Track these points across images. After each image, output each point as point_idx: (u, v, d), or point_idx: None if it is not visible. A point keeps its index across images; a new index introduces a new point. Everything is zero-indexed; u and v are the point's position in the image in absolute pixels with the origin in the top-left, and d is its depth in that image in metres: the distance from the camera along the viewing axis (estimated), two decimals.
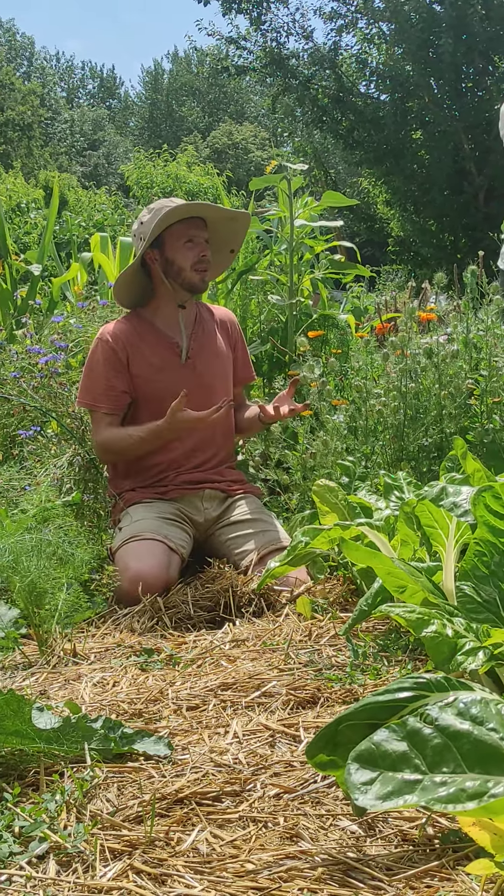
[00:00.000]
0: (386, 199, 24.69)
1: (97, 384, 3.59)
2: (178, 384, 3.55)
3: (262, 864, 1.46)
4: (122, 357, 3.58)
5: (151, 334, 3.64)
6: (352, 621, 2.52)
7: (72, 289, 6.76)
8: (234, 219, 3.71)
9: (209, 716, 2.13)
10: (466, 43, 20.56)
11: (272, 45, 23.32)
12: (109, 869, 1.47)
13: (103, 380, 3.58)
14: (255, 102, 58.93)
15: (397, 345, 3.95)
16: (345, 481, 3.53)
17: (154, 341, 3.63)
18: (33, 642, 2.78)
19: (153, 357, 3.60)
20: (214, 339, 3.75)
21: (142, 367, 3.58)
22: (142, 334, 3.63)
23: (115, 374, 3.57)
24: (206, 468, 3.66)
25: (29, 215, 19.26)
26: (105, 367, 3.58)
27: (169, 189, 22.84)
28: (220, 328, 3.81)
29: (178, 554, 3.36)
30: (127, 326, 3.65)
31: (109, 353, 3.58)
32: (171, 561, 3.29)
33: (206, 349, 3.70)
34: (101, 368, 3.59)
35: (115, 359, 3.57)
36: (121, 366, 3.58)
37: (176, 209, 3.51)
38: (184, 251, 3.56)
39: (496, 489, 2.16)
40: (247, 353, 3.93)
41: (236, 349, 3.86)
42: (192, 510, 3.58)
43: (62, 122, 57.88)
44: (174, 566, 3.30)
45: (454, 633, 1.96)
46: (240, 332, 3.91)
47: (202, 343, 3.70)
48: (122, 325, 3.66)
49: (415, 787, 1.22)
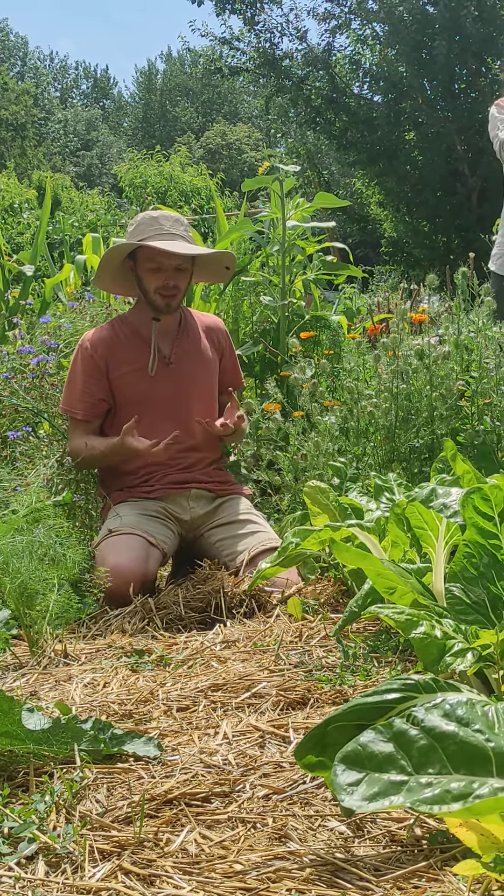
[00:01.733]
0: (379, 199, 24.69)
1: (74, 391, 3.64)
2: (158, 389, 3.59)
3: (251, 865, 1.46)
4: (101, 364, 3.61)
5: (133, 340, 3.67)
6: (342, 622, 2.53)
7: (64, 289, 6.75)
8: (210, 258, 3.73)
9: (199, 717, 2.13)
10: (460, 44, 20.56)
11: (265, 46, 23.31)
12: (98, 870, 1.47)
13: (80, 386, 3.62)
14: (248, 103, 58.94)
15: (389, 346, 3.96)
16: (336, 482, 3.54)
17: (135, 348, 3.65)
18: (24, 643, 2.78)
19: (134, 362, 3.62)
20: (198, 346, 3.75)
21: (121, 373, 3.61)
22: (123, 340, 3.66)
23: (93, 381, 3.61)
24: (193, 469, 3.67)
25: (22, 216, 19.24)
26: (83, 375, 3.62)
27: (163, 189, 22.82)
28: (206, 335, 3.81)
29: (158, 548, 3.38)
30: (108, 333, 3.67)
31: (88, 360, 3.62)
32: (149, 554, 3.31)
33: (190, 355, 3.71)
34: (79, 376, 3.64)
35: (93, 365, 3.61)
36: (99, 373, 3.61)
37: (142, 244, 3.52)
38: (150, 274, 3.58)
39: (485, 491, 2.17)
40: (235, 360, 3.93)
41: (224, 356, 3.85)
42: (177, 509, 3.59)
43: (56, 122, 57.83)
44: (153, 560, 3.32)
45: (443, 635, 1.97)
46: (228, 339, 3.91)
47: (185, 349, 3.71)
48: (103, 331, 3.69)
49: (401, 788, 1.23)
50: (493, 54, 21.00)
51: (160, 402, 3.63)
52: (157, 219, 3.58)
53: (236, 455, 4.21)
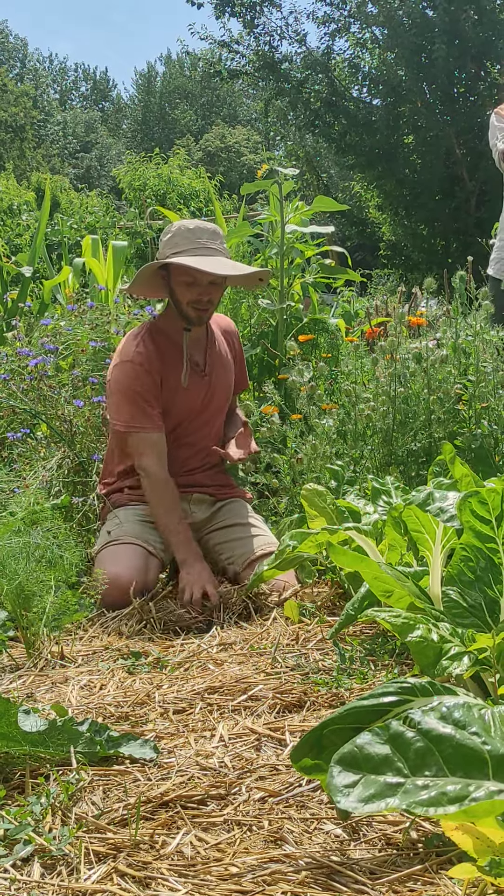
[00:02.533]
0: (377, 203, 24.71)
1: (136, 407, 3.48)
2: (195, 398, 3.59)
3: (246, 868, 1.46)
4: (157, 378, 3.50)
5: (173, 352, 3.57)
6: (339, 625, 2.53)
7: (63, 292, 6.75)
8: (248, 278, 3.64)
9: (195, 719, 2.13)
10: (459, 48, 20.58)
11: (265, 49, 23.33)
12: (94, 872, 1.47)
13: (142, 401, 3.48)
14: (247, 106, 58.97)
15: (387, 349, 3.96)
16: (333, 485, 3.54)
17: (176, 360, 3.56)
18: (21, 645, 2.78)
19: (177, 376, 3.55)
20: (223, 351, 3.73)
21: (169, 388, 3.54)
22: (165, 356, 3.55)
23: (152, 396, 3.49)
24: (195, 473, 3.66)
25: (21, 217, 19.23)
26: (143, 390, 3.48)
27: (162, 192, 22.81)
28: (225, 339, 3.79)
29: (157, 558, 3.38)
30: (152, 348, 3.53)
31: (144, 376, 3.48)
32: (148, 564, 3.31)
33: (218, 363, 3.68)
34: (137, 391, 3.49)
35: (150, 381, 3.48)
36: (156, 388, 3.49)
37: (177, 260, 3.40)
38: (183, 287, 3.46)
39: (482, 494, 2.17)
40: (244, 361, 3.90)
41: (236, 359, 3.83)
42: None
43: (55, 123, 57.83)
44: (153, 569, 3.32)
45: (440, 638, 1.97)
46: (239, 341, 3.89)
47: (214, 357, 3.68)
48: (147, 344, 3.54)
49: (397, 790, 1.23)
50: (493, 58, 21.04)
51: (194, 410, 3.60)
52: (194, 231, 3.46)
53: None
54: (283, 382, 4.51)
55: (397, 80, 21.84)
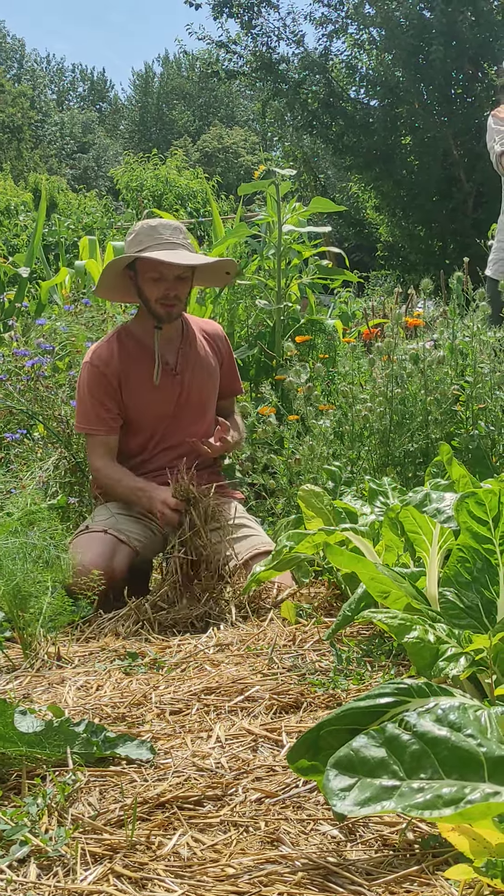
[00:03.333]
0: (375, 204, 24.71)
1: (90, 409, 3.59)
2: (166, 399, 3.60)
3: (243, 869, 1.46)
4: (113, 380, 3.57)
5: (140, 352, 3.63)
6: (335, 626, 2.53)
7: (60, 292, 6.75)
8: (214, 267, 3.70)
9: (192, 720, 2.13)
10: (456, 49, 20.59)
11: (262, 50, 23.32)
12: (90, 873, 1.47)
13: (96, 404, 3.57)
14: (245, 107, 58.99)
15: (384, 350, 3.97)
16: (330, 486, 3.54)
17: (143, 360, 3.62)
18: (17, 645, 2.78)
19: (144, 377, 3.59)
20: (200, 353, 3.74)
21: (132, 386, 3.59)
22: (131, 355, 3.62)
23: (108, 398, 3.57)
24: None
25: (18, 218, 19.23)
26: (97, 392, 3.57)
27: (159, 193, 22.82)
28: (206, 342, 3.79)
29: (129, 546, 3.40)
30: (116, 347, 3.62)
31: (99, 377, 3.57)
32: (116, 552, 3.33)
33: (193, 363, 3.69)
34: (92, 394, 3.58)
35: (106, 382, 3.57)
36: (112, 389, 3.57)
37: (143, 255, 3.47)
38: (150, 284, 3.53)
39: (479, 495, 2.17)
40: (234, 366, 3.91)
41: (223, 363, 3.84)
42: None
43: (52, 124, 57.84)
44: (120, 556, 3.34)
45: (436, 639, 1.97)
46: (227, 345, 3.90)
47: (188, 357, 3.69)
48: (110, 345, 3.63)
49: (392, 793, 1.22)
50: (490, 59, 21.02)
51: (168, 411, 3.62)
52: (156, 228, 3.54)
53: (231, 459, 4.21)
54: (281, 383, 4.51)
55: (395, 82, 21.85)
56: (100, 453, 3.58)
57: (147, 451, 3.65)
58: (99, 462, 3.57)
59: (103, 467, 3.56)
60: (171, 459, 3.64)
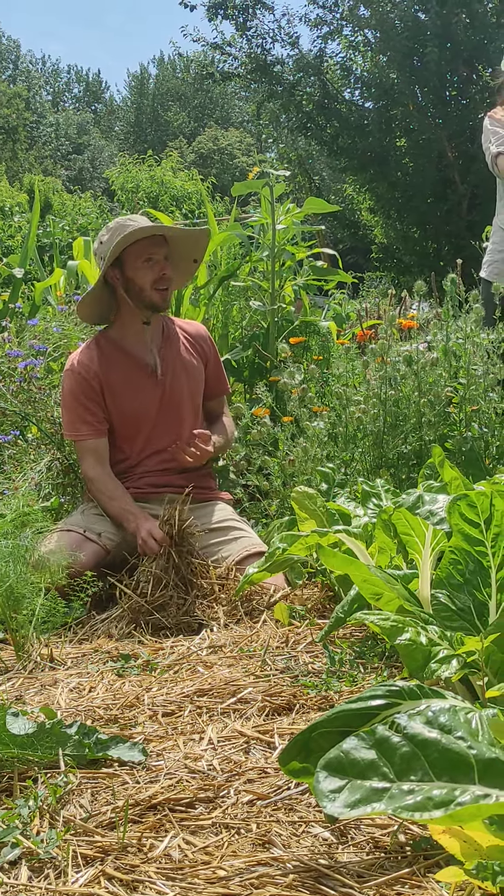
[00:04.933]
0: (370, 206, 24.70)
1: (75, 414, 3.60)
2: (149, 402, 3.60)
3: (234, 871, 1.46)
4: (95, 384, 3.59)
5: (119, 356, 3.65)
6: (328, 628, 2.53)
7: (54, 294, 6.75)
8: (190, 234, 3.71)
9: (184, 722, 2.13)
10: (451, 51, 20.59)
11: (257, 52, 23.30)
12: (81, 875, 1.47)
13: (80, 409, 3.59)
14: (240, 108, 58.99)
15: (378, 352, 3.97)
16: (324, 488, 3.55)
17: (122, 364, 3.63)
18: (10, 647, 2.78)
19: (125, 381, 3.61)
20: (183, 354, 3.74)
21: (115, 394, 3.60)
22: (110, 360, 3.63)
23: (92, 402, 3.59)
24: (170, 473, 3.66)
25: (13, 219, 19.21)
26: (81, 397, 3.59)
27: (154, 194, 22.83)
28: (188, 343, 3.80)
29: (98, 544, 3.40)
30: (95, 354, 3.64)
31: (82, 383, 3.59)
32: (81, 549, 3.31)
33: (175, 364, 3.70)
34: (76, 399, 3.60)
35: (88, 386, 3.58)
36: (94, 393, 3.59)
37: (133, 232, 3.50)
38: (143, 270, 3.56)
39: (471, 498, 2.17)
40: (220, 367, 3.91)
41: (208, 364, 3.84)
42: (151, 508, 3.57)
43: (47, 125, 57.79)
44: (86, 553, 3.32)
45: (428, 641, 1.97)
46: (212, 346, 3.90)
47: (170, 358, 3.70)
48: (89, 352, 3.65)
49: (382, 795, 1.22)
50: (484, 62, 21.03)
51: (152, 414, 3.62)
52: (121, 221, 3.59)
53: (225, 460, 4.22)
54: (275, 385, 4.51)
55: (389, 84, 21.84)
56: (91, 462, 3.58)
57: (134, 456, 3.65)
58: (91, 472, 3.57)
59: (96, 478, 3.56)
60: (158, 463, 3.64)
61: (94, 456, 3.58)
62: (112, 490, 3.53)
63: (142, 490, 3.60)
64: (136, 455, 3.64)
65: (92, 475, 3.56)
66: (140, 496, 3.57)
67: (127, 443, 3.63)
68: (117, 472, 3.60)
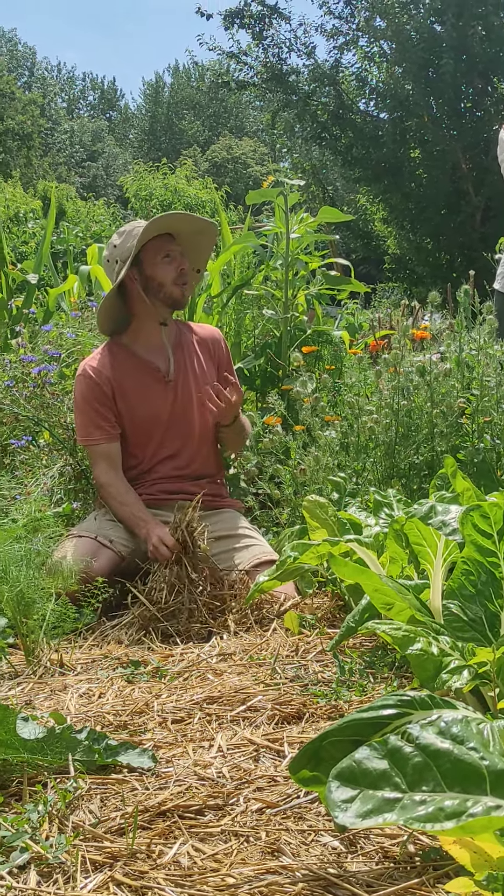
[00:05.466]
0: (383, 216, 24.75)
1: (87, 419, 3.60)
2: (161, 407, 3.60)
3: (243, 879, 1.46)
4: (107, 389, 3.59)
5: (131, 363, 3.64)
6: (339, 637, 2.53)
7: (67, 300, 6.76)
8: (201, 232, 3.71)
9: (194, 729, 2.13)
10: (466, 63, 20.65)
11: (273, 61, 23.36)
12: (90, 880, 1.47)
13: (92, 414, 3.59)
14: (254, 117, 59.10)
15: (390, 362, 3.97)
16: (335, 497, 3.54)
17: (134, 369, 3.63)
18: (20, 652, 2.78)
19: (137, 386, 3.61)
20: (195, 358, 3.74)
21: (127, 399, 3.60)
22: (122, 365, 3.63)
23: (104, 407, 3.59)
24: (183, 480, 3.66)
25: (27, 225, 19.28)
26: (93, 402, 3.59)
27: (168, 202, 22.88)
28: (201, 347, 3.79)
29: (112, 551, 3.39)
30: (106, 359, 3.64)
31: (94, 388, 3.59)
32: (96, 555, 3.31)
33: (187, 368, 3.70)
34: (88, 404, 3.60)
35: (100, 392, 3.58)
36: (106, 398, 3.59)
37: (155, 221, 3.52)
38: (163, 266, 3.57)
39: (484, 508, 2.17)
40: (233, 371, 3.89)
41: (220, 367, 3.83)
42: (163, 515, 3.57)
43: (62, 132, 57.98)
44: (101, 559, 3.32)
45: (440, 652, 1.97)
46: (225, 351, 3.88)
47: (182, 362, 3.70)
48: (101, 358, 3.65)
49: (394, 805, 1.22)
50: (500, 74, 21.10)
51: (163, 419, 3.62)
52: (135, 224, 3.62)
53: (236, 468, 4.21)
54: (287, 393, 4.51)
55: (404, 95, 21.89)
56: (104, 467, 3.58)
57: (146, 461, 3.65)
58: (104, 477, 3.57)
59: (108, 483, 3.56)
60: (171, 469, 3.64)
61: (107, 461, 3.58)
62: (123, 495, 3.54)
63: (154, 497, 3.60)
64: (147, 460, 3.64)
65: (104, 480, 3.56)
66: (153, 503, 3.57)
67: (139, 448, 3.63)
68: (130, 477, 3.60)
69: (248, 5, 22.89)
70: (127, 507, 3.50)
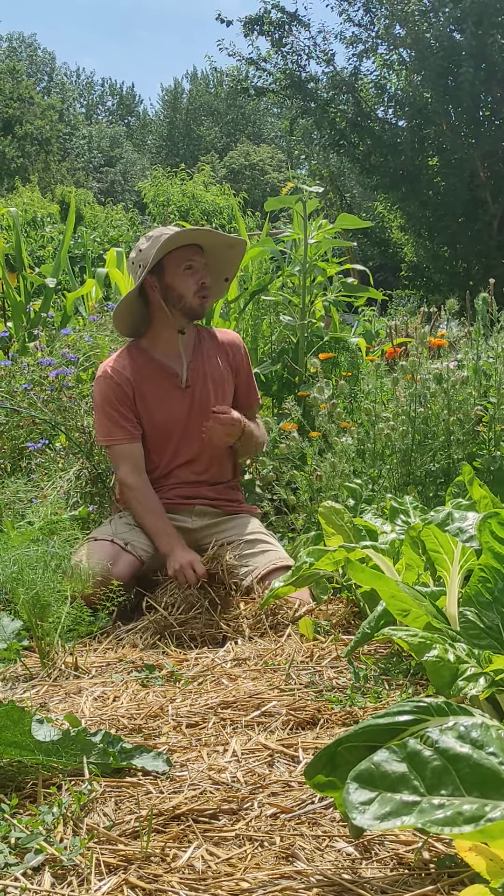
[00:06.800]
0: (400, 224, 24.75)
1: (108, 419, 3.59)
2: (178, 412, 3.60)
3: (257, 883, 1.46)
4: (128, 390, 3.58)
5: (149, 367, 3.64)
6: (354, 644, 2.52)
7: (85, 304, 6.78)
8: (231, 246, 3.70)
9: (208, 733, 2.13)
10: (486, 72, 20.62)
11: (292, 68, 23.38)
12: (104, 883, 1.47)
13: (115, 413, 3.58)
14: (272, 124, 59.20)
15: (407, 369, 3.96)
16: (351, 504, 3.54)
17: (153, 374, 3.63)
18: (35, 654, 2.79)
19: (156, 390, 3.61)
20: (213, 364, 3.73)
21: (146, 402, 3.60)
22: (142, 369, 3.63)
23: (125, 408, 3.58)
24: (200, 485, 3.67)
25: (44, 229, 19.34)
26: (114, 402, 3.58)
27: (185, 208, 22.92)
28: (220, 352, 3.79)
29: (132, 555, 3.39)
30: (126, 362, 3.64)
31: (115, 388, 3.58)
32: (117, 559, 3.32)
33: (204, 374, 3.70)
34: (108, 405, 3.59)
35: (121, 392, 3.58)
36: (127, 399, 3.58)
37: (178, 234, 3.51)
38: (184, 277, 3.56)
39: (502, 516, 2.16)
40: (251, 377, 3.88)
41: (239, 373, 3.82)
42: (181, 519, 3.59)
43: (80, 137, 58.17)
44: (121, 564, 3.33)
45: (456, 659, 1.96)
46: (244, 356, 3.87)
47: (200, 368, 3.69)
48: (121, 360, 3.65)
49: (413, 808, 1.22)
50: None
51: (181, 424, 3.62)
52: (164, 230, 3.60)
53: (251, 474, 4.21)
54: (303, 399, 4.51)
55: (423, 102, 21.89)
56: (128, 468, 3.56)
57: (163, 466, 3.65)
58: (130, 479, 3.55)
59: (135, 487, 3.54)
60: (188, 474, 3.65)
61: (130, 462, 3.56)
62: (151, 503, 3.53)
63: (172, 501, 3.60)
64: (165, 465, 3.64)
65: (131, 483, 3.54)
66: (170, 507, 3.58)
67: (156, 453, 3.63)
68: (152, 467, 3.61)
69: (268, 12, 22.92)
70: (152, 515, 3.50)
